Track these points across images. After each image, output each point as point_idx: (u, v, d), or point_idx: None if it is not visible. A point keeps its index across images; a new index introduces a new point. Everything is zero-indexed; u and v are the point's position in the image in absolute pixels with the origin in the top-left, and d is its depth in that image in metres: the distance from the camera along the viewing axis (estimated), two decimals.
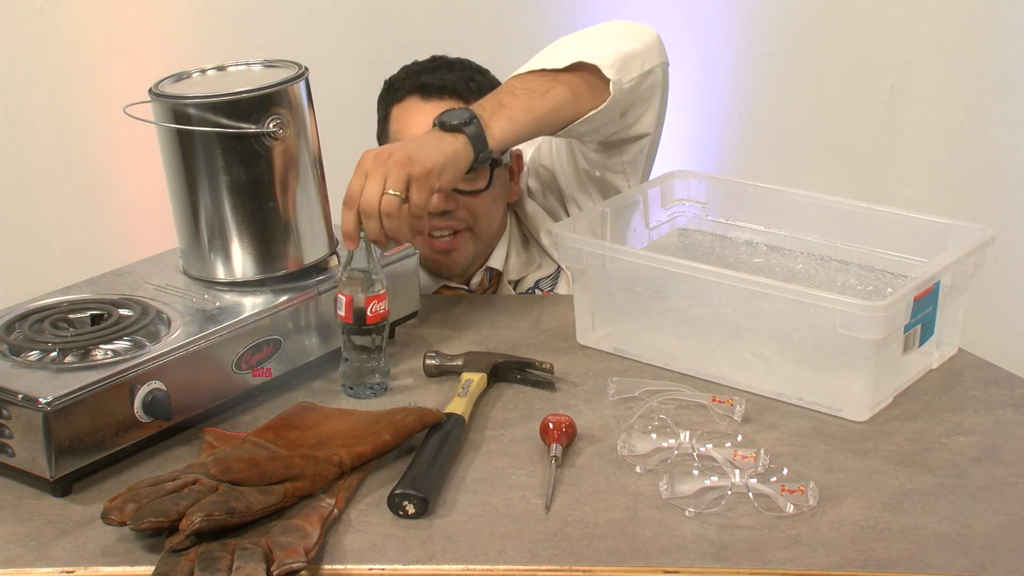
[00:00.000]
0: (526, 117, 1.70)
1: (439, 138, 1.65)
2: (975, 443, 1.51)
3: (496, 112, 1.69)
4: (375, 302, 1.59)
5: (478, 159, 1.66)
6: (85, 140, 2.82)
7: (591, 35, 1.84)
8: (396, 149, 1.61)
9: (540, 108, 1.72)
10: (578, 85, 1.76)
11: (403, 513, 1.35)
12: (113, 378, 1.43)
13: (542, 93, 1.73)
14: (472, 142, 1.65)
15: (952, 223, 1.72)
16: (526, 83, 1.74)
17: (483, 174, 1.96)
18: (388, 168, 1.58)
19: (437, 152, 1.62)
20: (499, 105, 1.70)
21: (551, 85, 1.74)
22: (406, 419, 1.48)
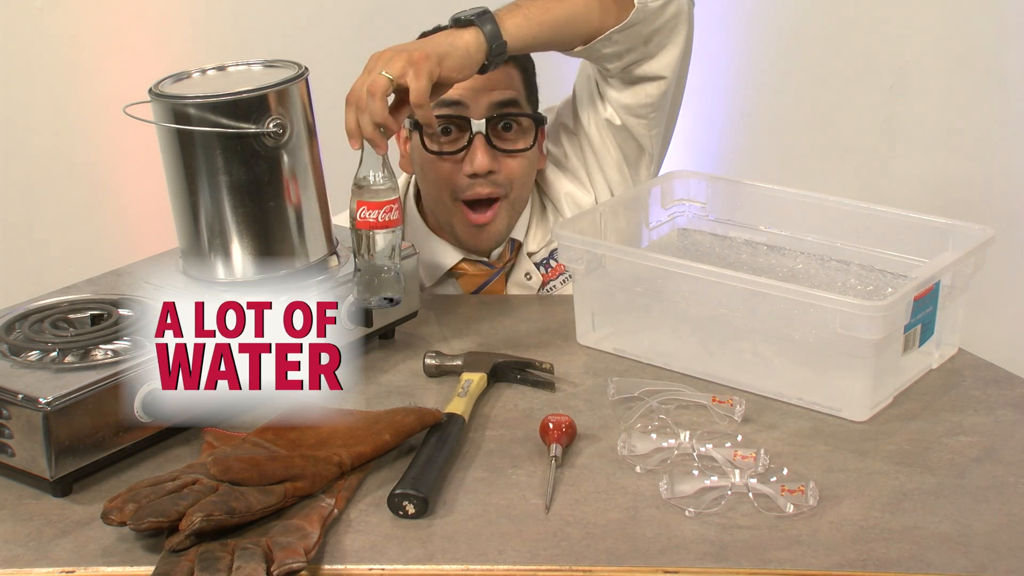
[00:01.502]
0: (543, 16, 1.68)
1: (449, 32, 1.64)
2: (975, 443, 1.51)
3: (512, 11, 1.68)
4: (364, 207, 1.57)
5: (492, 51, 1.64)
6: (85, 140, 2.82)
7: None
8: (400, 45, 1.60)
9: (557, 11, 1.70)
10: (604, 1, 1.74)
11: (403, 513, 1.35)
12: (113, 378, 1.43)
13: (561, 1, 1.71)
14: (485, 34, 1.63)
15: (952, 223, 1.72)
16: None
17: (528, 135, 1.94)
18: (388, 58, 1.56)
19: (443, 42, 1.60)
20: (515, 6, 1.69)
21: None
22: (406, 419, 1.48)
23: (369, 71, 1.58)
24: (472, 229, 1.97)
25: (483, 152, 1.90)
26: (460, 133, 1.92)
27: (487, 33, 1.64)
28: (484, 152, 1.90)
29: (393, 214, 1.59)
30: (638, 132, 1.96)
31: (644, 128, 1.95)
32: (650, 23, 1.80)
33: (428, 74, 1.57)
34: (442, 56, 1.59)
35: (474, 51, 1.63)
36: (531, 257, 2.07)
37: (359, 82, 1.58)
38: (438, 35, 1.65)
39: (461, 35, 1.63)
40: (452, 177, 1.93)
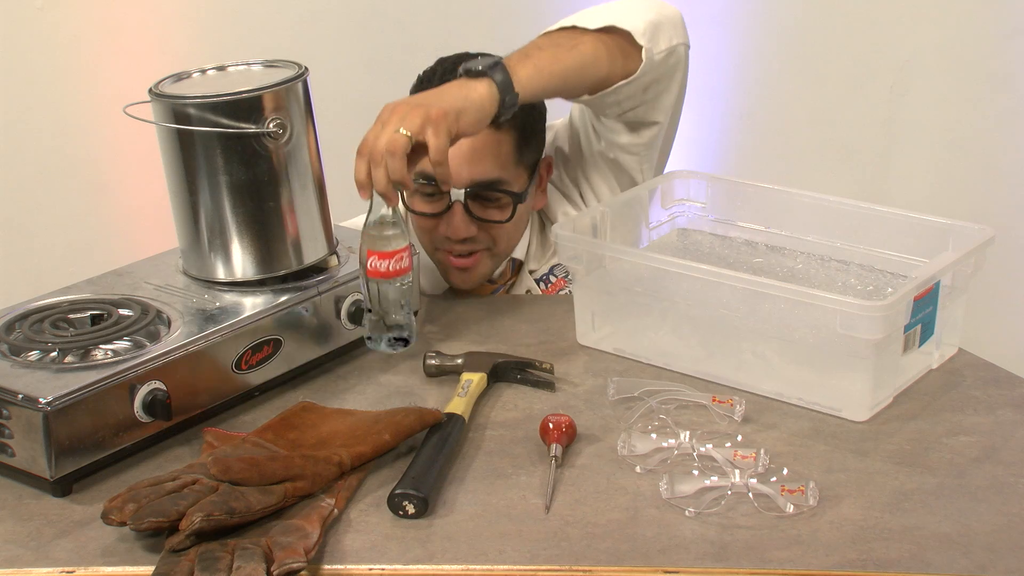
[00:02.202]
0: (553, 67, 1.68)
1: (462, 84, 1.62)
2: (975, 443, 1.51)
3: (523, 61, 1.67)
4: (375, 257, 1.57)
5: (505, 104, 1.63)
6: (85, 140, 2.82)
7: (619, 4, 1.82)
8: (415, 97, 1.60)
9: (567, 60, 1.70)
10: (609, 45, 1.74)
11: (403, 513, 1.35)
12: (113, 378, 1.43)
13: (570, 47, 1.71)
14: (498, 86, 1.62)
15: (952, 223, 1.72)
16: (552, 38, 1.73)
17: (506, 206, 1.92)
18: (404, 113, 1.54)
19: (458, 96, 1.59)
20: (525, 56, 1.69)
21: (579, 41, 1.72)
22: (406, 419, 1.48)
23: (383, 124, 1.56)
24: (455, 271, 1.98)
25: (460, 219, 1.88)
26: (440, 197, 1.90)
27: (500, 85, 1.62)
28: (462, 219, 1.88)
29: (404, 262, 1.59)
30: (630, 166, 1.97)
31: (636, 163, 1.96)
32: (652, 73, 1.80)
33: (447, 131, 1.55)
34: (459, 112, 1.58)
35: (488, 104, 1.62)
36: (532, 274, 2.08)
37: (372, 134, 1.55)
38: (451, 88, 1.62)
39: (475, 87, 1.61)
40: (433, 231, 1.93)
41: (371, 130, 1.57)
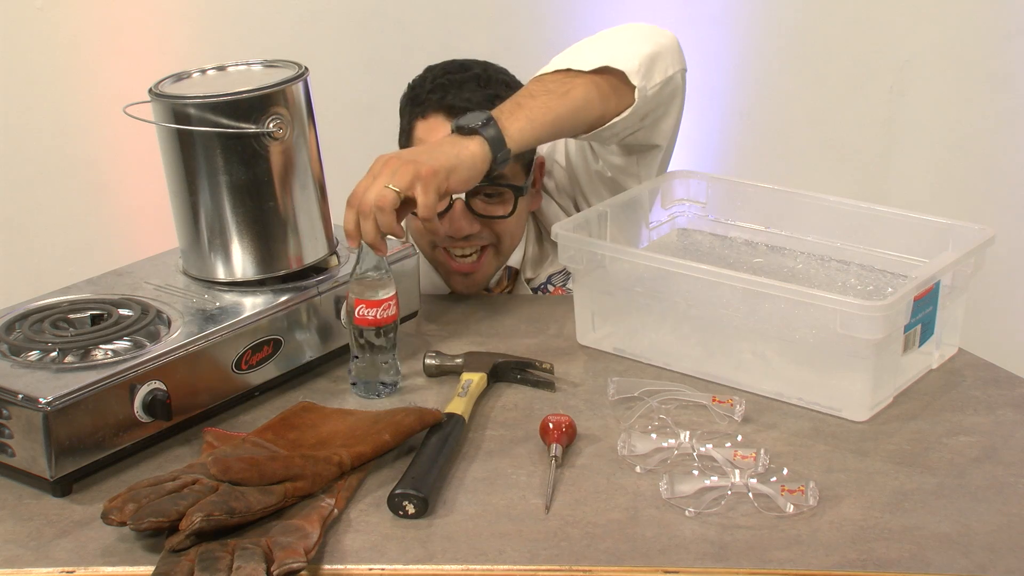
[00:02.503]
0: (545, 117, 1.68)
1: (454, 141, 1.63)
2: (975, 443, 1.51)
3: (514, 112, 1.67)
4: (368, 305, 1.59)
5: (497, 160, 1.64)
6: (85, 140, 2.82)
7: (613, 37, 1.83)
8: (407, 152, 1.61)
9: (559, 108, 1.70)
10: (601, 86, 1.74)
11: (403, 513, 1.35)
12: (113, 378, 1.43)
13: (561, 94, 1.71)
14: (490, 143, 1.63)
15: (952, 223, 1.72)
16: (545, 84, 1.73)
17: (508, 200, 1.93)
18: (395, 168, 1.57)
19: (449, 154, 1.61)
20: (517, 106, 1.69)
21: (571, 86, 1.72)
22: (406, 419, 1.48)
23: (375, 176, 1.57)
24: (456, 276, 1.98)
25: (461, 218, 1.89)
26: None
27: (491, 142, 1.63)
28: (463, 217, 1.89)
29: (391, 310, 1.60)
30: (627, 185, 1.97)
31: (634, 182, 1.96)
32: (647, 105, 1.80)
33: (436, 189, 1.57)
34: (450, 170, 1.59)
35: (480, 162, 1.63)
36: (528, 283, 2.08)
37: (362, 186, 1.57)
38: (444, 145, 1.63)
39: (467, 145, 1.62)
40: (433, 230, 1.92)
41: (362, 181, 1.58)
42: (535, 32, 2.89)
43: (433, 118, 1.92)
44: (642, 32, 1.83)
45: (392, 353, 1.62)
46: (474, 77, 1.95)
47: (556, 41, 2.89)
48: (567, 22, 2.90)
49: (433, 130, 1.91)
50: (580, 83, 1.73)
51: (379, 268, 1.59)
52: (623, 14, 2.82)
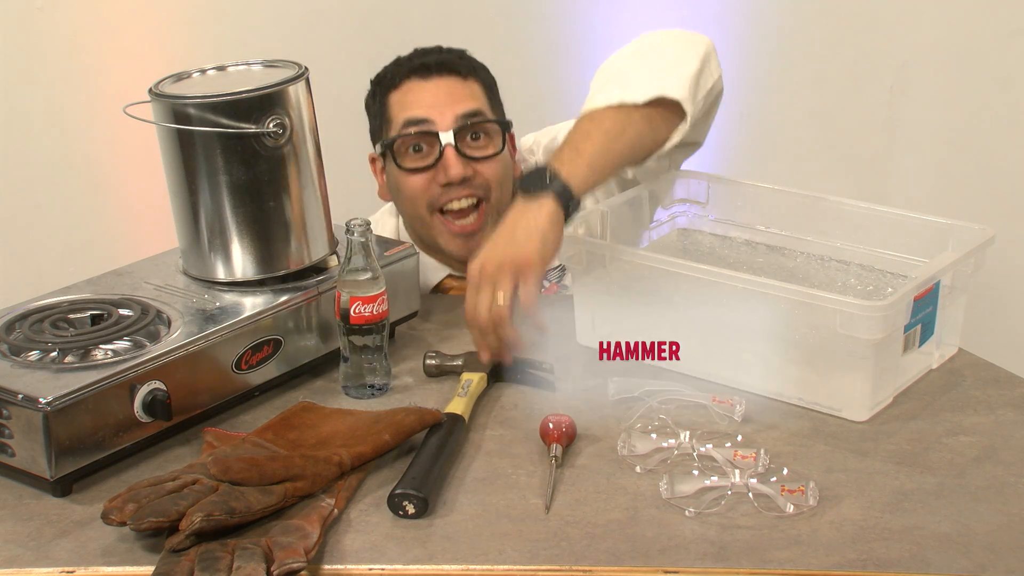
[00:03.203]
0: (604, 159, 1.68)
1: (527, 212, 1.62)
2: (975, 443, 1.51)
3: (574, 160, 1.66)
4: (359, 303, 1.59)
5: (569, 212, 1.64)
6: (85, 140, 2.82)
7: (658, 56, 1.81)
8: (495, 252, 1.59)
9: (617, 148, 1.70)
10: (654, 118, 1.73)
11: (403, 513, 1.35)
12: (113, 378, 1.43)
13: (617, 133, 1.70)
14: (560, 199, 1.62)
15: (952, 223, 1.72)
16: (600, 124, 1.71)
17: (496, 141, 1.97)
18: (492, 276, 1.58)
19: (533, 234, 1.59)
20: (576, 152, 1.67)
21: (626, 123, 1.71)
22: (406, 419, 1.48)
23: (477, 290, 1.59)
24: (457, 239, 1.98)
25: (454, 161, 1.92)
26: (430, 148, 1.94)
27: (561, 196, 1.62)
28: (455, 161, 1.92)
29: (384, 305, 1.61)
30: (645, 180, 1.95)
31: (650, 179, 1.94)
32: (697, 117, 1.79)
33: (536, 279, 1.58)
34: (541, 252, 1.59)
35: (558, 222, 1.62)
36: None
37: (471, 303, 1.59)
38: (520, 222, 1.61)
39: (540, 211, 1.61)
40: (427, 189, 1.95)
41: (469, 298, 1.60)
42: (535, 32, 2.89)
43: (406, 84, 1.97)
44: (684, 45, 1.82)
45: (380, 355, 1.62)
46: (435, 48, 2.02)
47: (557, 41, 2.91)
48: (568, 22, 2.90)
49: (408, 92, 1.96)
50: (635, 119, 1.72)
51: (369, 262, 1.59)
52: (623, 14, 2.83)
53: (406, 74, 1.98)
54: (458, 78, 1.97)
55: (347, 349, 1.62)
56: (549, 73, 2.89)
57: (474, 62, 2.02)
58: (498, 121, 1.98)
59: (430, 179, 1.94)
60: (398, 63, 2.02)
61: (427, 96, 1.95)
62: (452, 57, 2.00)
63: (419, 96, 1.96)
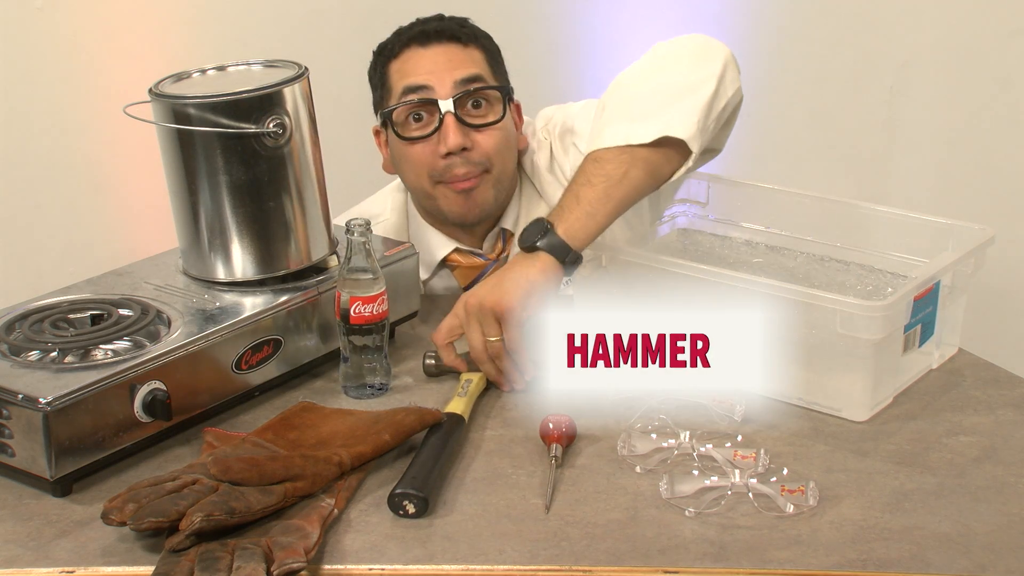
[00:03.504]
0: (605, 207, 1.67)
1: (521, 265, 1.64)
2: (975, 443, 1.51)
3: (573, 210, 1.66)
4: (359, 303, 1.59)
5: (567, 264, 1.64)
6: (85, 140, 2.82)
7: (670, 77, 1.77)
8: (479, 292, 1.62)
9: (618, 194, 1.69)
10: (658, 157, 1.72)
11: (403, 513, 1.35)
12: (113, 378, 1.43)
13: (620, 177, 1.69)
14: (555, 254, 1.63)
15: (952, 223, 1.72)
16: (603, 167, 1.69)
17: (497, 108, 1.95)
18: (481, 316, 1.61)
19: (520, 283, 1.62)
20: (576, 201, 1.67)
21: (629, 164, 1.69)
22: (406, 419, 1.48)
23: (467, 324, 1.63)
24: (458, 198, 1.96)
25: (454, 130, 1.90)
26: (430, 117, 1.93)
27: (556, 251, 1.64)
28: (455, 130, 1.90)
29: (384, 305, 1.61)
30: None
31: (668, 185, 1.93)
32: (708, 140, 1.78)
33: (518, 324, 1.60)
34: (524, 302, 1.61)
35: (551, 275, 1.64)
36: None
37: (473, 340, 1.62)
38: (513, 270, 1.63)
39: (533, 264, 1.63)
40: (429, 160, 1.93)
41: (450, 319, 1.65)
42: (536, 32, 2.89)
43: (405, 52, 1.96)
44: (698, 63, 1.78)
45: (380, 355, 1.62)
46: (436, 16, 2.00)
47: (557, 41, 2.91)
48: (568, 23, 2.90)
49: (408, 60, 1.95)
50: (638, 159, 1.70)
51: (369, 262, 1.59)
52: (624, 14, 2.83)
53: (406, 42, 1.97)
54: (458, 45, 1.95)
55: (347, 349, 1.62)
56: (549, 73, 2.88)
57: (476, 30, 2.00)
58: (499, 88, 1.95)
59: (431, 150, 1.92)
60: (399, 32, 2.00)
61: (426, 63, 1.93)
62: (452, 24, 1.98)
63: (418, 63, 1.94)
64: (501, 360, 1.62)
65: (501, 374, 1.63)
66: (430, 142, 1.92)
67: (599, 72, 2.84)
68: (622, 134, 1.71)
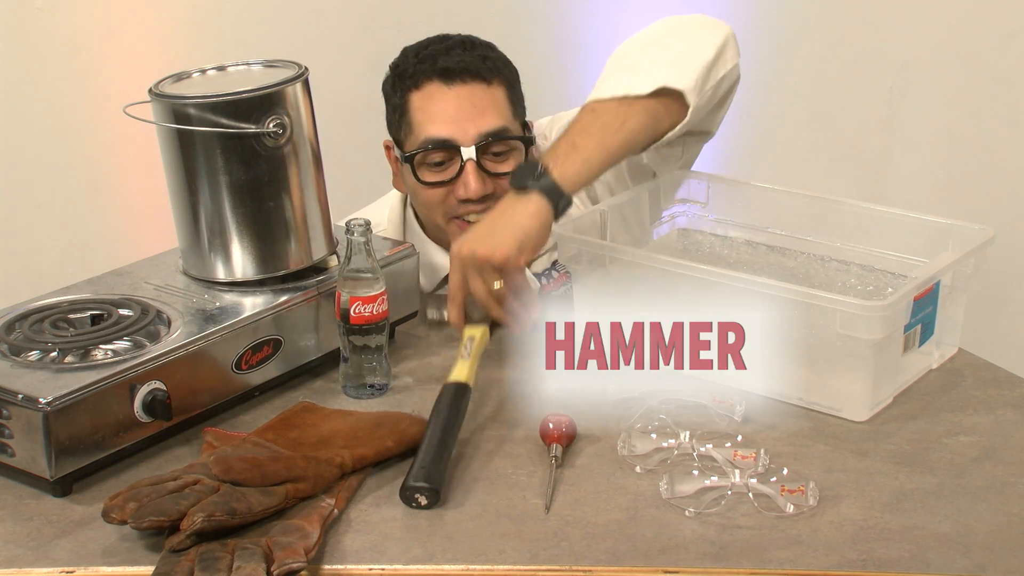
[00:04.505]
0: (600, 155, 1.67)
1: (513, 207, 1.63)
2: (975, 443, 1.51)
3: (569, 156, 1.65)
4: (359, 303, 1.59)
5: (559, 209, 1.64)
6: (85, 140, 2.82)
7: (671, 44, 1.78)
8: (473, 240, 1.61)
9: (614, 142, 1.68)
10: (657, 109, 1.71)
11: (415, 505, 1.35)
12: (113, 378, 1.43)
13: (617, 127, 1.68)
14: (548, 196, 1.62)
15: (952, 223, 1.72)
16: (601, 118, 1.69)
17: (518, 154, 1.93)
18: (478, 266, 1.59)
19: (513, 230, 1.61)
20: (572, 147, 1.66)
21: (626, 116, 1.69)
22: (410, 429, 1.48)
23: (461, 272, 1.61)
24: None
25: (475, 178, 1.87)
26: (451, 161, 1.90)
27: (549, 194, 1.63)
28: (476, 178, 1.88)
29: (384, 305, 1.61)
30: (660, 169, 1.94)
31: (665, 167, 1.93)
32: (702, 109, 1.77)
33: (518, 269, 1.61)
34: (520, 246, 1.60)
35: (544, 218, 1.63)
36: (530, 266, 2.06)
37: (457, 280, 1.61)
38: (505, 215, 1.63)
39: (526, 207, 1.62)
40: (444, 200, 1.92)
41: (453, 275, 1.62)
42: (536, 32, 2.89)
43: (427, 86, 1.91)
44: (702, 32, 1.79)
45: (380, 354, 1.62)
46: (458, 43, 1.96)
47: (556, 42, 2.91)
48: (569, 22, 2.90)
49: (431, 98, 1.90)
50: (636, 111, 1.70)
51: (370, 262, 1.59)
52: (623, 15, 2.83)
53: (428, 74, 1.91)
54: (482, 84, 1.90)
55: (347, 349, 1.62)
56: (549, 73, 2.88)
57: (499, 61, 1.96)
58: (522, 139, 1.92)
59: (448, 191, 1.91)
60: (420, 57, 1.94)
61: (449, 108, 1.88)
62: (475, 60, 1.92)
63: (441, 106, 1.89)
64: (506, 303, 1.61)
65: (510, 315, 1.62)
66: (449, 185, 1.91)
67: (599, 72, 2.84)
68: (622, 86, 1.70)
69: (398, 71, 1.96)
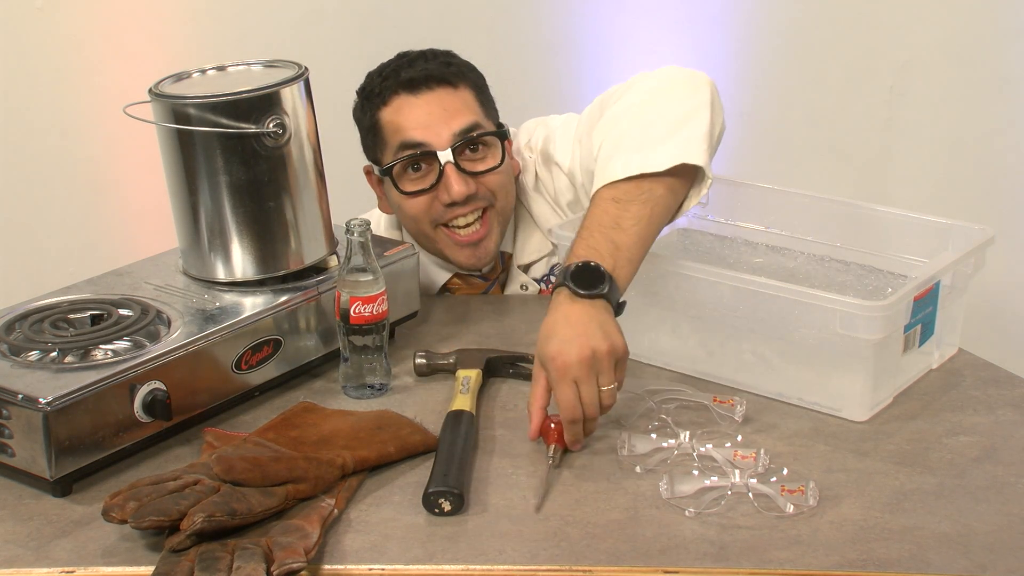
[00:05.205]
0: (640, 252, 1.60)
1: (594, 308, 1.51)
2: (975, 443, 1.51)
3: (616, 256, 1.57)
4: (359, 303, 1.59)
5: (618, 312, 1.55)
6: (85, 140, 2.82)
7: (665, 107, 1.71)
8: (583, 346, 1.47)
9: (649, 233, 1.62)
10: (673, 184, 1.65)
11: (439, 511, 1.35)
12: (113, 378, 1.43)
13: (648, 218, 1.61)
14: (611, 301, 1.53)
15: (952, 223, 1.72)
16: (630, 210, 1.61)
17: (495, 151, 1.93)
18: (598, 367, 1.47)
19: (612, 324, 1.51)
20: (615, 248, 1.57)
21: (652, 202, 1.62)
22: (411, 437, 1.48)
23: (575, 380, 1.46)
24: (464, 250, 1.95)
25: (456, 180, 1.88)
26: (429, 167, 1.90)
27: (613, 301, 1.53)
28: (457, 179, 1.88)
29: (384, 305, 1.61)
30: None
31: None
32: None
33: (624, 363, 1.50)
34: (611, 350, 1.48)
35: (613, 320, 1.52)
36: (528, 271, 2.06)
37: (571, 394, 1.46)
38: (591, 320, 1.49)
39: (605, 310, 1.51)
40: (429, 208, 1.92)
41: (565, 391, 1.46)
42: (535, 32, 2.89)
43: (395, 100, 1.92)
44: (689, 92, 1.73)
45: (380, 354, 1.62)
46: (419, 56, 1.96)
47: (555, 42, 2.91)
48: (566, 23, 2.90)
49: (400, 110, 1.91)
50: (658, 193, 1.63)
51: (370, 262, 1.59)
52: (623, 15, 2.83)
53: (393, 89, 1.92)
54: (448, 88, 1.91)
55: (347, 349, 1.62)
56: (549, 73, 2.89)
57: (461, 65, 1.96)
58: (496, 133, 1.93)
59: (432, 198, 1.91)
60: (383, 75, 1.95)
61: (420, 114, 1.89)
62: (439, 67, 1.93)
63: (411, 114, 1.90)
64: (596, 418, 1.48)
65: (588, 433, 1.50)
66: (431, 192, 1.91)
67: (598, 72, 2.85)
68: (635, 163, 1.63)
69: (365, 93, 1.98)
